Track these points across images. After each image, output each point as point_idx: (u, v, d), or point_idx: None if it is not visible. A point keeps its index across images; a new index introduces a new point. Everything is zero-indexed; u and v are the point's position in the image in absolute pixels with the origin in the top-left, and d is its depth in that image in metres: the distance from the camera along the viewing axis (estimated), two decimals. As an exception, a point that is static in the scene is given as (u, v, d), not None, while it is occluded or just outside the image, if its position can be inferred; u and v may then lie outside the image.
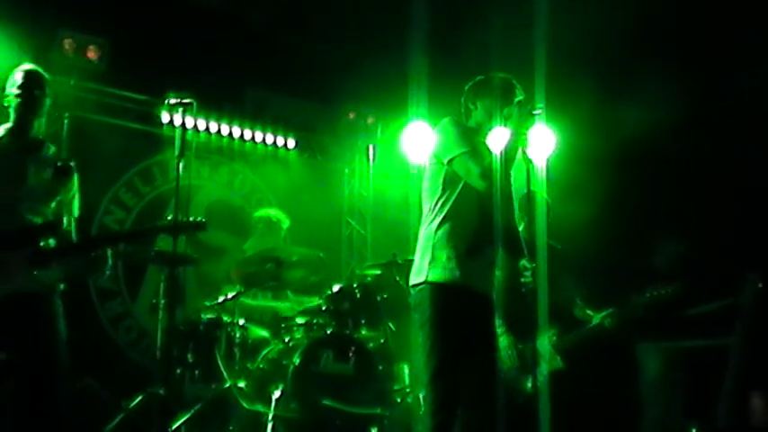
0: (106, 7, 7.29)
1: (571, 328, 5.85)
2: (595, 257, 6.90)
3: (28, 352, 4.08)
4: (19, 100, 4.33)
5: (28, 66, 4.46)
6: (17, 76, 4.36)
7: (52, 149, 4.50)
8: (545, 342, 5.73)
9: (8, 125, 4.38)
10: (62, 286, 4.32)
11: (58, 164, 4.44)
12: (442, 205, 4.23)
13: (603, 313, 5.82)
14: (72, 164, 4.50)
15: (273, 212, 7.16)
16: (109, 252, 4.41)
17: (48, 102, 4.43)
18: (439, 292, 4.14)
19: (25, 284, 4.10)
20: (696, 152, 7.16)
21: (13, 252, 4.11)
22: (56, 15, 7.15)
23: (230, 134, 8.44)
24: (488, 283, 4.27)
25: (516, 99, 4.33)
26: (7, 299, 4.04)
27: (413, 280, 4.28)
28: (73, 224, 4.46)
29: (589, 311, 5.93)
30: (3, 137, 4.36)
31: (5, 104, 4.37)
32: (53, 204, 4.36)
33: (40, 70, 4.45)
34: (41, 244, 4.20)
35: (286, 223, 7.09)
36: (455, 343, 4.10)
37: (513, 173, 4.24)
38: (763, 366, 5.16)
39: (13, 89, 4.35)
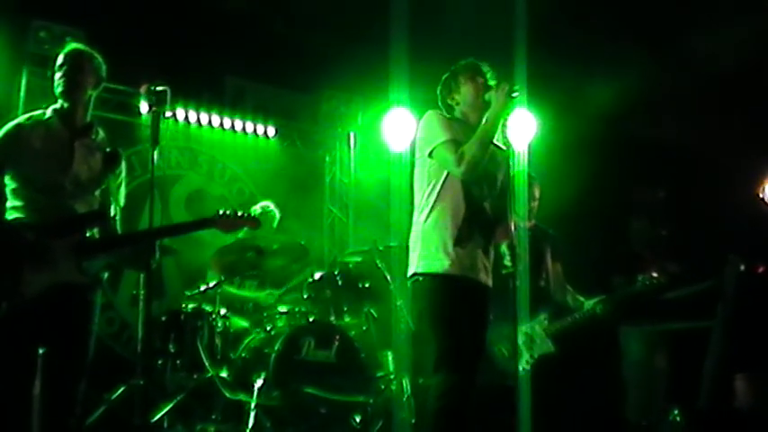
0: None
1: (562, 314, 5.86)
2: (578, 241, 6.90)
3: (64, 343, 3.99)
4: (62, 82, 4.16)
5: (71, 46, 4.28)
6: (60, 57, 4.19)
7: (101, 135, 4.33)
8: (536, 327, 5.75)
9: (55, 106, 4.21)
10: (105, 275, 4.26)
11: (107, 150, 4.28)
12: (428, 197, 4.30)
13: (595, 300, 5.83)
14: (120, 150, 4.34)
15: (266, 204, 7.06)
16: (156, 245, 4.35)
17: (93, 82, 4.24)
18: (431, 282, 4.23)
19: (71, 276, 3.98)
20: (675, 132, 7.18)
21: (60, 241, 3.97)
22: (30, 6, 7.06)
23: (210, 123, 8.37)
24: (480, 269, 4.30)
25: (490, 83, 4.38)
26: (52, 288, 3.92)
27: (408, 272, 4.37)
28: (118, 213, 4.33)
29: (580, 297, 5.94)
30: (50, 118, 4.19)
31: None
32: (98, 192, 4.22)
33: (84, 49, 4.27)
34: (87, 234, 4.10)
35: (277, 217, 7.02)
36: (452, 330, 4.17)
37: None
38: (745, 349, 5.18)
39: (56, 71, 4.17)
